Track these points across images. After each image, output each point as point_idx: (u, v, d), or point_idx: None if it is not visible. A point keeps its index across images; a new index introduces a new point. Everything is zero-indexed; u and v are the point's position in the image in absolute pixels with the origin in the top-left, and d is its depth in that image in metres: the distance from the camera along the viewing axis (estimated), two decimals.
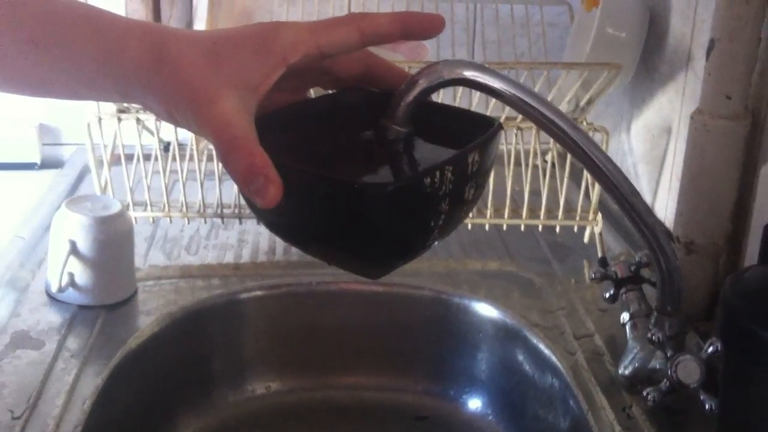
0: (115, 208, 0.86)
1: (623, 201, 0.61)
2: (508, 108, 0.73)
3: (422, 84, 0.50)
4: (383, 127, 0.51)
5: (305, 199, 0.45)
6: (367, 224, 0.44)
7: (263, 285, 0.93)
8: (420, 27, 0.50)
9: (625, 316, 0.80)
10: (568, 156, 0.97)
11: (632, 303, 0.80)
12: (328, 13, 1.13)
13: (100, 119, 0.95)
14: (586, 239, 1.01)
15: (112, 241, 0.85)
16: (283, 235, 0.50)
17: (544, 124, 0.53)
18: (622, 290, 0.82)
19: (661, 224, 0.63)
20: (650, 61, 0.99)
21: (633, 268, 0.81)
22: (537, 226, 1.00)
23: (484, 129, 0.49)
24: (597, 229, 0.98)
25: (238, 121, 0.44)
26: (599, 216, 0.98)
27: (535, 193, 0.99)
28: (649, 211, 0.63)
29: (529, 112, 0.53)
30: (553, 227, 0.99)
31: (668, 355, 0.69)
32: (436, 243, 0.49)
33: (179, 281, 0.93)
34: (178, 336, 0.87)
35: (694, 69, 0.89)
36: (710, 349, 0.67)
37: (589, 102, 0.95)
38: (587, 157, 0.56)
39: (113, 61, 0.46)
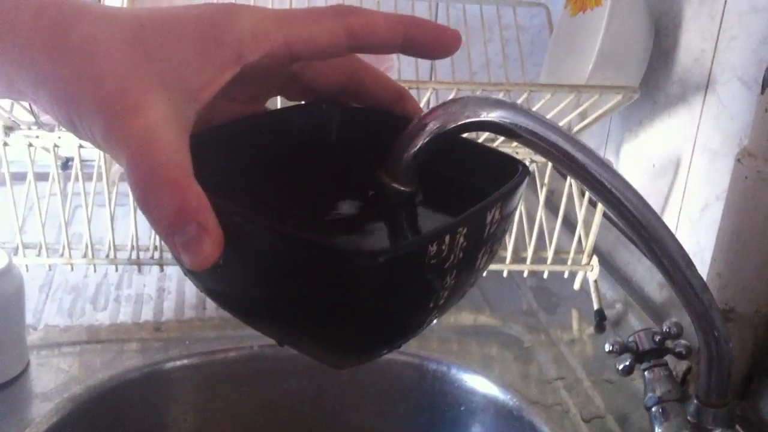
0: (0, 262, 0.65)
1: (676, 274, 0.46)
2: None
3: (433, 129, 0.39)
4: (379, 184, 0.40)
5: (258, 262, 0.34)
6: (347, 303, 0.33)
7: (192, 352, 0.74)
8: (427, 41, 0.38)
9: (650, 399, 0.65)
10: (566, 189, 0.82)
11: (658, 383, 0.65)
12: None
13: None
14: (576, 285, 0.86)
15: None
16: (223, 304, 0.38)
17: (599, 189, 0.40)
18: (644, 365, 0.67)
19: (715, 303, 0.49)
20: (652, 79, 0.85)
21: (658, 338, 0.67)
22: (521, 272, 0.84)
23: (505, 173, 0.38)
24: (592, 275, 0.83)
25: (165, 140, 0.32)
26: (595, 259, 0.83)
27: (518, 232, 0.83)
28: (705, 287, 0.49)
29: (583, 176, 0.40)
30: (538, 271, 0.84)
31: None
32: (431, 324, 0.37)
33: (84, 348, 0.73)
34: (85, 426, 0.67)
35: (717, 94, 0.75)
36: None
37: (584, 128, 0.80)
38: (646, 233, 0.43)
39: None
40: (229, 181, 0.38)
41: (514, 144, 0.76)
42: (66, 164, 0.96)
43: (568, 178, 0.81)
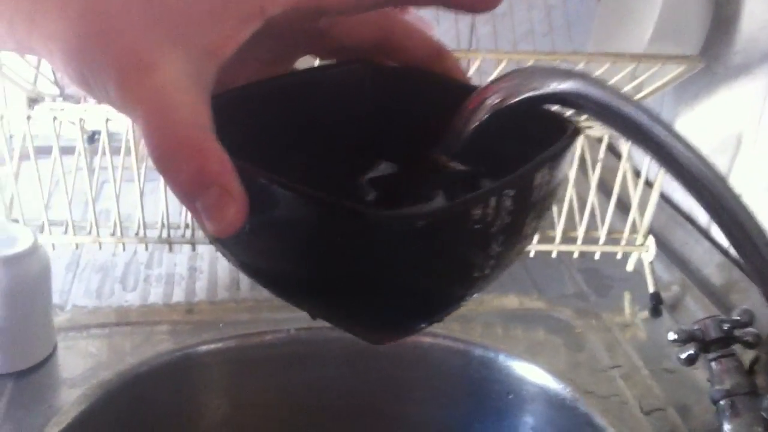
0: (24, 240, 0.62)
1: (755, 257, 0.42)
2: None
3: (494, 102, 0.36)
4: (436, 163, 0.38)
5: (286, 228, 0.32)
6: (383, 273, 0.31)
7: (226, 335, 0.70)
8: None
9: (718, 392, 0.61)
10: (622, 165, 0.77)
11: (727, 375, 0.61)
12: None
13: None
14: (630, 267, 0.81)
15: (21, 288, 0.62)
16: (253, 275, 0.36)
17: (676, 166, 0.35)
18: (711, 355, 0.62)
19: None
20: (710, 49, 0.79)
21: (726, 327, 0.62)
22: (570, 253, 0.79)
23: (553, 133, 0.35)
24: (648, 257, 0.78)
25: (184, 99, 0.30)
26: (651, 239, 0.78)
27: (568, 212, 0.78)
28: None
29: (660, 152, 0.35)
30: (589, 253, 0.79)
31: None
32: (472, 298, 0.35)
33: (113, 331, 0.70)
34: (115, 413, 0.64)
35: None
36: None
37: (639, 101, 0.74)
38: (727, 217, 0.38)
39: None
40: (254, 145, 0.35)
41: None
42: (92, 138, 0.93)
43: (623, 156, 0.76)
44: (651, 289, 0.77)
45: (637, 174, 0.78)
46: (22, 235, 0.62)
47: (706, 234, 0.82)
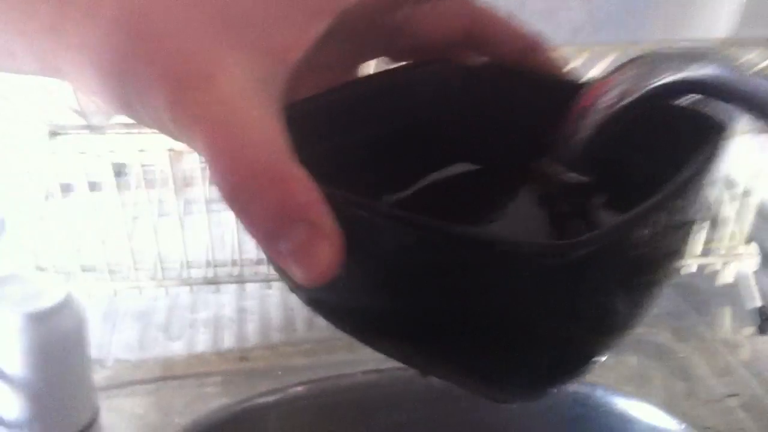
0: (55, 292, 0.54)
1: None
2: None
3: (614, 99, 0.30)
4: (542, 173, 0.32)
5: (395, 267, 0.26)
6: (527, 316, 0.25)
7: (286, 384, 0.62)
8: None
9: None
10: None
11: None
12: None
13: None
14: (728, 279, 0.72)
15: (55, 347, 0.54)
16: (350, 328, 0.30)
17: None
18: None
19: None
20: None
21: None
22: None
23: (689, 132, 0.30)
24: (751, 266, 0.69)
25: (253, 116, 0.24)
26: (754, 246, 0.69)
27: None
28: None
29: None
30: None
31: None
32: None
33: (159, 386, 0.62)
34: None
35: None
36: None
37: None
38: None
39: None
40: (334, 165, 0.29)
41: None
42: (119, 172, 0.85)
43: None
44: (757, 302, 0.69)
45: (729, 183, 0.70)
46: (52, 286, 0.55)
47: None
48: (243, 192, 0.23)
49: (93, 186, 0.67)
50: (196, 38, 0.25)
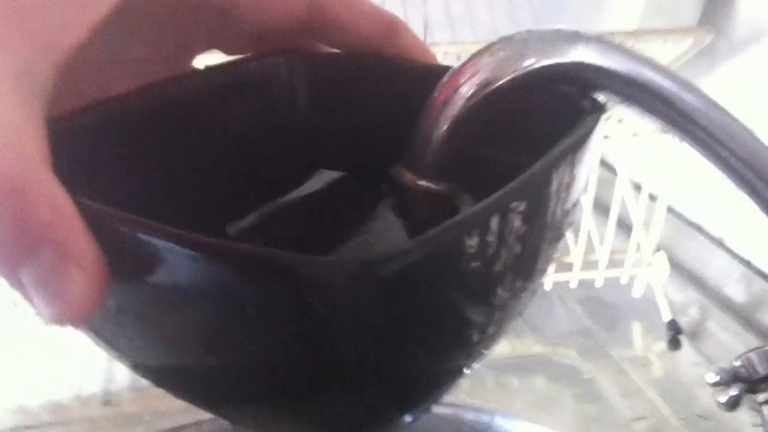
0: None
1: None
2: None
3: (475, 89, 0.26)
4: (396, 181, 0.28)
5: (176, 302, 0.20)
6: (337, 354, 0.20)
7: (157, 431, 0.56)
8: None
9: None
10: (620, 174, 0.64)
11: None
12: None
13: None
14: (637, 293, 0.68)
15: None
16: (142, 373, 0.25)
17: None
18: (761, 396, 0.50)
19: None
20: (709, 22, 0.67)
21: None
22: (564, 282, 0.66)
23: (564, 119, 0.24)
24: (660, 278, 0.65)
25: None
26: (662, 255, 0.65)
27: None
28: None
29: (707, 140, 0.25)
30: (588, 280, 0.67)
31: None
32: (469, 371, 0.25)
33: None
34: None
35: None
36: None
37: None
38: None
39: None
40: (125, 189, 0.25)
41: None
42: None
43: (621, 165, 0.64)
44: (667, 316, 0.65)
45: (635, 187, 0.66)
46: None
47: (720, 243, 0.70)
48: None
49: None
50: None
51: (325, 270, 0.19)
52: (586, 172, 0.25)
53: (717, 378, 0.49)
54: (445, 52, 0.53)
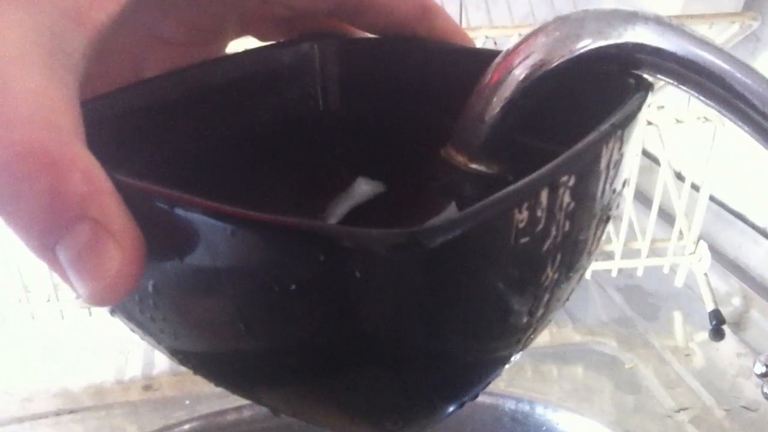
0: None
1: None
2: None
3: (528, 70, 0.25)
4: (446, 163, 0.27)
5: (219, 278, 0.19)
6: (379, 331, 0.19)
7: (196, 415, 0.57)
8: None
9: None
10: (664, 163, 0.63)
11: None
12: None
13: None
14: (679, 282, 0.67)
15: None
16: (179, 359, 0.24)
17: None
18: None
19: None
20: (752, 8, 0.66)
21: None
22: (606, 270, 0.66)
23: (613, 99, 0.23)
24: (702, 268, 0.65)
25: (32, 87, 0.19)
26: (703, 246, 0.64)
27: None
28: None
29: None
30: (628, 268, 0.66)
31: None
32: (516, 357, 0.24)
33: (58, 421, 0.56)
34: None
35: None
36: None
37: None
38: None
39: None
40: (161, 169, 0.25)
41: None
42: None
43: (663, 153, 0.63)
44: (709, 306, 0.64)
45: (677, 175, 0.65)
46: None
47: (763, 232, 0.69)
48: (5, 180, 0.18)
49: None
50: None
51: (371, 241, 0.18)
52: (633, 151, 0.24)
53: (765, 368, 0.49)
54: (486, 36, 0.52)
